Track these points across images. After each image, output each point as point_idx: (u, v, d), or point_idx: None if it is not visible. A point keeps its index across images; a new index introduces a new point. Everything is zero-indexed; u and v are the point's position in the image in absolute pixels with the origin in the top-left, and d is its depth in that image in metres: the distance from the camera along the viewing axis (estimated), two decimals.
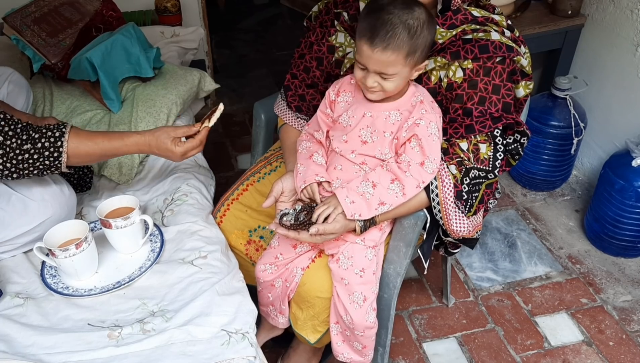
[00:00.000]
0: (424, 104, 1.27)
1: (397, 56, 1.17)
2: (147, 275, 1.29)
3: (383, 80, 1.21)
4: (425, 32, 1.18)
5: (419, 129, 1.25)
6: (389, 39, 1.15)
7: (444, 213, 1.32)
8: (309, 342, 1.47)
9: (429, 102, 1.29)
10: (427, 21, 1.18)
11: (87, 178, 1.58)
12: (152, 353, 1.12)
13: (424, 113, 1.26)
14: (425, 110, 1.26)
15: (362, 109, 1.30)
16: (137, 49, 1.73)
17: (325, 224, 1.26)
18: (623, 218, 1.97)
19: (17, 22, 1.74)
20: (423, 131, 1.25)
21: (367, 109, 1.29)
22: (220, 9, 3.94)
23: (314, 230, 1.25)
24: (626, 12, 2.07)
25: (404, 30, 1.15)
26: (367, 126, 1.29)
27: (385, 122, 1.28)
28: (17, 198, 1.29)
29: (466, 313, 1.89)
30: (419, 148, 1.26)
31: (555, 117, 2.17)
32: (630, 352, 1.77)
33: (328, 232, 1.26)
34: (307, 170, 1.32)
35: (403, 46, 1.16)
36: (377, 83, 1.22)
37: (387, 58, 1.17)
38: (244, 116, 2.86)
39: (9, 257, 1.33)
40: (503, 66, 1.28)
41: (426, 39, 1.18)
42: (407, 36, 1.15)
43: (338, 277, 1.34)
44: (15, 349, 1.12)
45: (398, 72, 1.20)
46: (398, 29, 1.15)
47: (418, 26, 1.16)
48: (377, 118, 1.28)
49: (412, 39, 1.16)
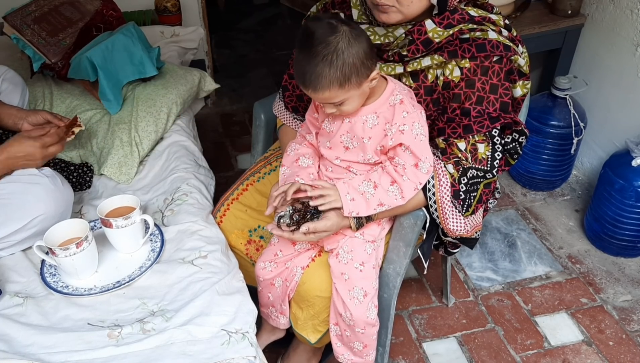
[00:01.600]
0: (404, 104, 1.25)
1: (331, 91, 1.16)
2: (147, 275, 1.29)
3: (338, 106, 1.21)
4: (348, 54, 1.13)
5: (404, 137, 1.24)
6: (315, 80, 1.14)
7: (440, 212, 1.32)
8: (309, 341, 1.47)
9: (409, 100, 1.26)
10: (348, 43, 1.13)
11: (87, 177, 1.58)
12: (152, 353, 1.12)
13: (405, 116, 1.24)
14: (406, 111, 1.24)
15: (338, 117, 1.29)
16: (139, 48, 1.73)
17: (316, 222, 1.26)
18: (623, 218, 1.97)
19: (18, 21, 1.75)
20: (409, 138, 1.24)
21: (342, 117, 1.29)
22: (220, 9, 3.94)
23: (305, 228, 1.25)
24: (626, 12, 2.07)
25: (325, 67, 1.12)
26: (347, 131, 1.29)
27: (363, 128, 1.26)
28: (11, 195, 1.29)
29: (466, 313, 1.89)
30: (408, 151, 1.26)
31: (555, 117, 2.17)
32: (630, 351, 1.77)
33: (320, 229, 1.26)
34: (292, 174, 1.33)
35: (332, 81, 1.14)
36: (334, 109, 1.22)
37: (323, 96, 1.17)
38: (243, 116, 2.86)
39: (7, 255, 1.33)
40: (500, 65, 1.28)
41: (352, 60, 1.14)
42: (329, 71, 1.13)
43: (337, 272, 1.34)
44: (15, 349, 1.12)
45: (346, 98, 1.19)
46: (318, 68, 1.13)
47: (337, 57, 1.12)
48: (355, 124, 1.27)
49: (337, 71, 1.13)
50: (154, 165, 1.65)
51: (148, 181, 1.61)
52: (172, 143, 1.72)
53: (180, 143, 1.72)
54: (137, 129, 1.66)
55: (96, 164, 1.64)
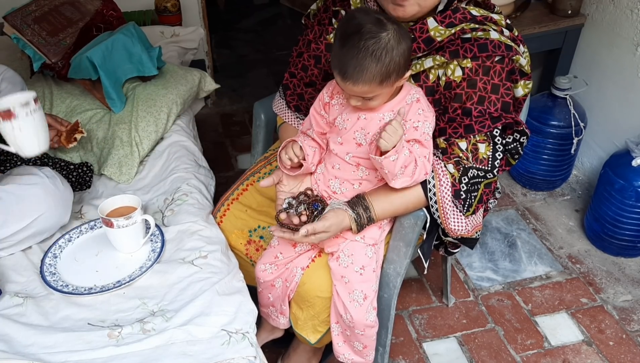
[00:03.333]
0: (420, 102, 1.26)
1: (370, 86, 1.16)
2: (147, 275, 1.29)
3: (366, 100, 1.22)
4: (396, 54, 1.14)
5: (417, 133, 1.25)
6: (358, 74, 1.14)
7: (441, 212, 1.32)
8: (309, 342, 1.47)
9: (424, 100, 1.28)
10: (397, 41, 1.14)
11: (86, 177, 1.58)
12: (152, 353, 1.12)
13: (421, 113, 1.25)
14: (422, 109, 1.26)
15: (356, 111, 1.29)
16: (138, 48, 1.73)
17: (316, 222, 1.26)
18: (623, 218, 1.97)
19: (18, 21, 1.75)
20: (421, 134, 1.25)
21: (361, 111, 1.29)
22: (220, 9, 3.94)
23: (304, 230, 1.24)
24: (626, 12, 2.07)
25: (372, 62, 1.13)
26: (361, 128, 1.29)
27: (379, 125, 1.27)
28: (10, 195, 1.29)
29: (466, 313, 1.89)
30: (418, 145, 1.26)
31: (555, 117, 2.17)
32: (630, 351, 1.77)
33: (319, 230, 1.25)
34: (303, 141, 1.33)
35: (374, 77, 1.15)
36: (360, 102, 1.22)
37: (361, 89, 1.17)
38: (244, 116, 2.86)
39: (7, 255, 1.33)
40: (502, 65, 1.28)
41: (398, 59, 1.15)
42: (376, 67, 1.13)
43: (338, 275, 1.34)
44: (15, 349, 1.12)
45: (379, 93, 1.20)
46: (365, 62, 1.13)
47: (386, 53, 1.13)
48: (371, 120, 1.28)
49: (382, 67, 1.14)
50: (154, 165, 1.65)
51: (148, 181, 1.61)
52: (172, 143, 1.72)
53: (180, 143, 1.72)
54: (137, 129, 1.66)
55: (96, 164, 1.64)
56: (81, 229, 1.41)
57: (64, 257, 1.34)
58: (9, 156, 1.53)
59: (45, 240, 1.38)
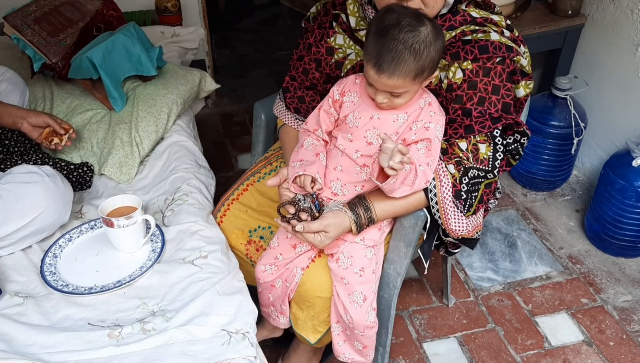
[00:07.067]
0: (432, 106, 1.27)
1: (405, 80, 1.17)
2: (147, 275, 1.29)
3: (393, 97, 1.22)
4: (433, 49, 1.16)
5: (429, 133, 1.25)
6: (395, 66, 1.14)
7: (442, 212, 1.32)
8: (309, 342, 1.47)
9: (436, 103, 1.29)
10: (435, 37, 1.16)
11: (87, 177, 1.58)
12: (152, 353, 1.12)
13: (432, 115, 1.26)
14: (434, 112, 1.27)
15: (370, 110, 1.29)
16: (137, 48, 1.73)
17: (310, 222, 1.25)
18: (623, 218, 1.97)
19: (18, 21, 1.75)
20: (432, 135, 1.26)
21: (375, 111, 1.29)
22: (220, 9, 3.94)
23: (300, 227, 1.24)
24: (626, 12, 2.07)
25: (410, 55, 1.14)
26: (373, 127, 1.29)
27: (392, 125, 1.28)
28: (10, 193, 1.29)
29: (466, 313, 1.89)
30: (425, 149, 1.26)
31: (555, 117, 2.17)
32: (631, 352, 1.77)
33: (314, 229, 1.25)
34: (313, 165, 1.30)
35: (410, 71, 1.15)
36: (387, 99, 1.22)
37: (395, 83, 1.17)
38: (244, 116, 2.86)
39: (7, 255, 1.33)
40: (503, 67, 1.28)
41: (434, 55, 1.16)
42: (413, 61, 1.14)
43: (338, 277, 1.34)
44: (15, 348, 1.12)
45: (408, 89, 1.20)
46: (404, 55, 1.13)
47: (425, 48, 1.14)
48: (384, 120, 1.28)
49: (419, 62, 1.14)
50: (154, 165, 1.65)
51: (148, 181, 1.61)
52: (173, 143, 1.72)
53: (180, 143, 1.72)
54: (138, 129, 1.66)
55: (96, 164, 1.64)
56: (81, 229, 1.41)
57: (64, 257, 1.34)
58: (8, 155, 1.53)
59: (45, 240, 1.38)
